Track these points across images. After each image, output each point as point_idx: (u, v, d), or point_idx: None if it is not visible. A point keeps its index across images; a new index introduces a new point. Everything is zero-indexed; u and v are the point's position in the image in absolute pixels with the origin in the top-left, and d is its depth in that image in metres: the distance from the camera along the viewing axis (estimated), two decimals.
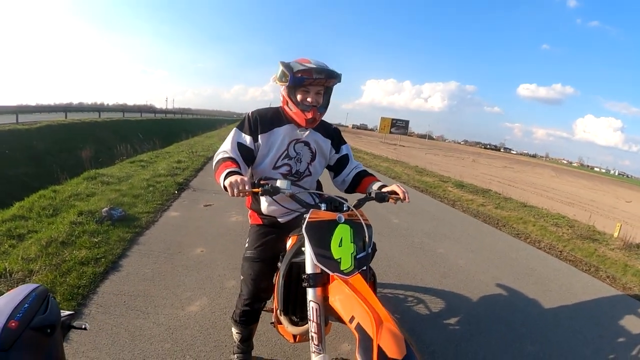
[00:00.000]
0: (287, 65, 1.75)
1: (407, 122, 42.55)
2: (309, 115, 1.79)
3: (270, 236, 1.94)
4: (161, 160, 9.34)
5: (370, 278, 1.60)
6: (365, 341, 1.20)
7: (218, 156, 1.82)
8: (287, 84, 1.76)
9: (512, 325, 3.06)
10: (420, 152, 31.01)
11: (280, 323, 1.88)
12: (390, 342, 1.17)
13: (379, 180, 1.99)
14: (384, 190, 1.88)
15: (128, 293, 2.77)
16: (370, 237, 1.59)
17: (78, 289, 2.69)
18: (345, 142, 2.13)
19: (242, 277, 1.92)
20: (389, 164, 15.60)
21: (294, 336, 1.84)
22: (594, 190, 25.43)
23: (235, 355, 2.08)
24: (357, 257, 1.50)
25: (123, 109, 35.14)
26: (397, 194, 1.81)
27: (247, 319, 1.95)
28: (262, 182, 1.62)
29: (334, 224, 1.56)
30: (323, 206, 1.68)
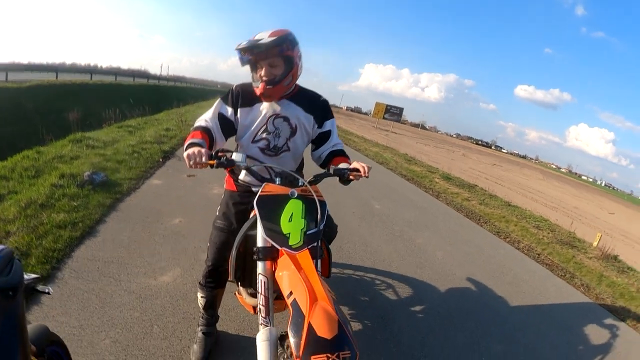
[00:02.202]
0: (237, 48, 1.78)
1: (401, 109, 42.25)
2: (258, 91, 1.84)
3: (242, 207, 1.97)
4: (149, 127, 9.19)
5: (321, 255, 1.61)
6: (298, 317, 1.22)
7: (196, 123, 1.92)
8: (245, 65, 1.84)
9: (481, 322, 3.11)
10: (412, 141, 31.03)
11: (241, 294, 1.94)
12: (322, 321, 1.18)
13: (349, 162, 1.93)
14: (345, 167, 1.84)
15: (102, 259, 2.76)
16: (323, 214, 1.60)
17: (53, 252, 2.67)
18: (331, 117, 2.08)
19: (208, 244, 1.96)
20: (378, 149, 15.57)
21: (254, 307, 1.88)
22: (579, 198, 25.82)
23: (200, 328, 2.09)
24: (307, 233, 1.52)
25: (116, 72, 34.38)
26: (358, 170, 1.78)
27: (212, 282, 1.97)
28: (219, 154, 1.63)
29: (285, 198, 1.58)
30: (278, 180, 1.69)
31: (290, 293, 1.32)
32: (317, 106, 2.03)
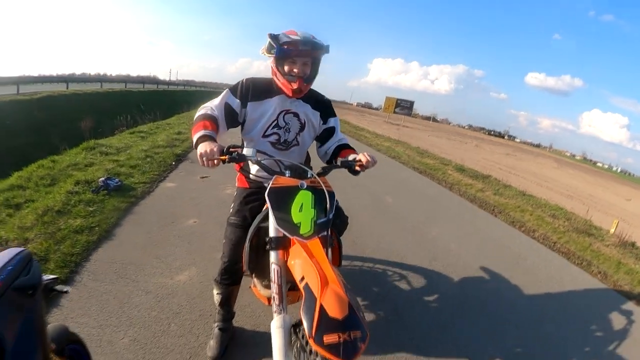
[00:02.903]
0: (274, 37, 1.83)
1: (412, 102, 41.84)
2: (295, 86, 1.88)
3: (254, 203, 2.01)
4: (161, 132, 9.31)
5: (331, 245, 1.68)
6: (310, 300, 1.26)
7: (201, 110, 1.93)
8: (274, 55, 1.86)
9: (497, 313, 3.08)
10: (423, 134, 30.81)
11: (256, 286, 2.00)
12: (333, 302, 1.22)
13: (356, 153, 2.03)
14: (351, 159, 1.94)
15: (119, 261, 2.81)
16: (332, 204, 1.66)
17: (71, 256, 2.73)
18: (334, 115, 2.20)
19: (224, 240, 1.98)
20: (390, 143, 15.49)
21: (268, 299, 1.92)
22: (595, 185, 25.30)
23: (216, 324, 2.12)
24: (317, 222, 1.56)
25: (126, 79, 34.86)
26: (362, 161, 1.88)
27: (228, 279, 2.00)
28: (231, 149, 1.66)
29: (295, 189, 1.63)
30: (287, 173, 1.74)
31: (302, 278, 1.36)
32: (322, 104, 2.15)
